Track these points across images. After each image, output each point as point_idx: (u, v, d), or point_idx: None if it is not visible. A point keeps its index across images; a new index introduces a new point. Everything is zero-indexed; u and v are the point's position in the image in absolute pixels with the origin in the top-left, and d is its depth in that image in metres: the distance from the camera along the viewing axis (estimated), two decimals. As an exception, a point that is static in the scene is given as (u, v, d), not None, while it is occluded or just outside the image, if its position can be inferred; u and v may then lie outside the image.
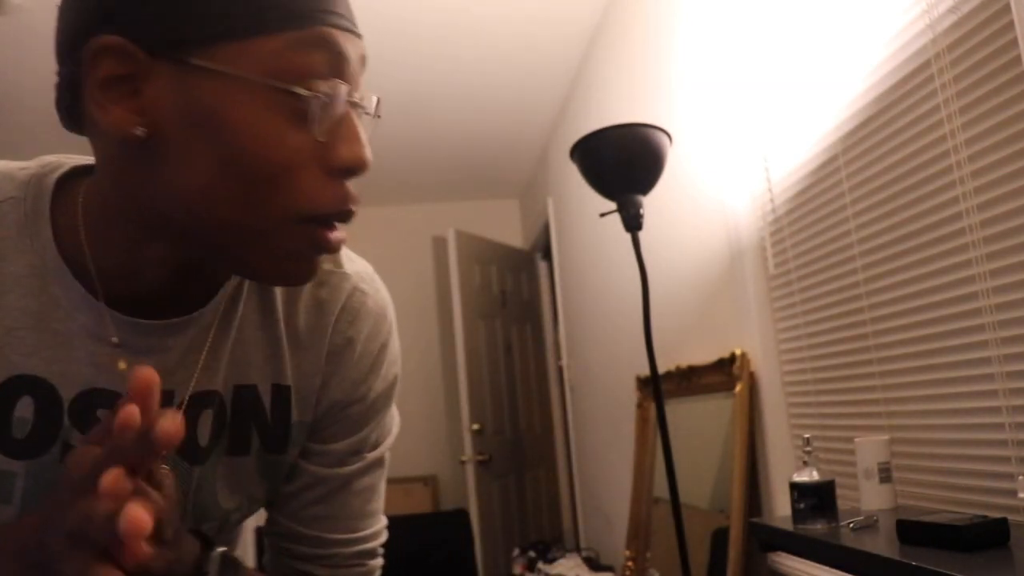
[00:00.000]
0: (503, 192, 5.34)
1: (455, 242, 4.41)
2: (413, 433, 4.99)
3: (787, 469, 1.75)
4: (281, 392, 0.69)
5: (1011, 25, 1.05)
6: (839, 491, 1.32)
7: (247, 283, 0.68)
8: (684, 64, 2.23)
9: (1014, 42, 1.04)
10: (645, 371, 2.47)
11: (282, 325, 0.69)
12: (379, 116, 0.62)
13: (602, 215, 1.79)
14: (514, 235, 5.41)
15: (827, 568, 1.48)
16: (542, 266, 5.13)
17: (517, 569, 3.67)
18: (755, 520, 1.49)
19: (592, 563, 3.33)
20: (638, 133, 1.69)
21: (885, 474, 1.32)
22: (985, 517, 1.02)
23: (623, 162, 1.69)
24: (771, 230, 1.81)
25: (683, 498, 1.70)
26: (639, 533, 2.49)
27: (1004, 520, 1.01)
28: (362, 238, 5.95)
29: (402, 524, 4.42)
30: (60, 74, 0.56)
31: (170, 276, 0.61)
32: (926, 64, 1.23)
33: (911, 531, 1.05)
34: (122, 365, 0.61)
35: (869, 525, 1.22)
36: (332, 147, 0.55)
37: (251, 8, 0.52)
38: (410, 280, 5.21)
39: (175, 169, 0.53)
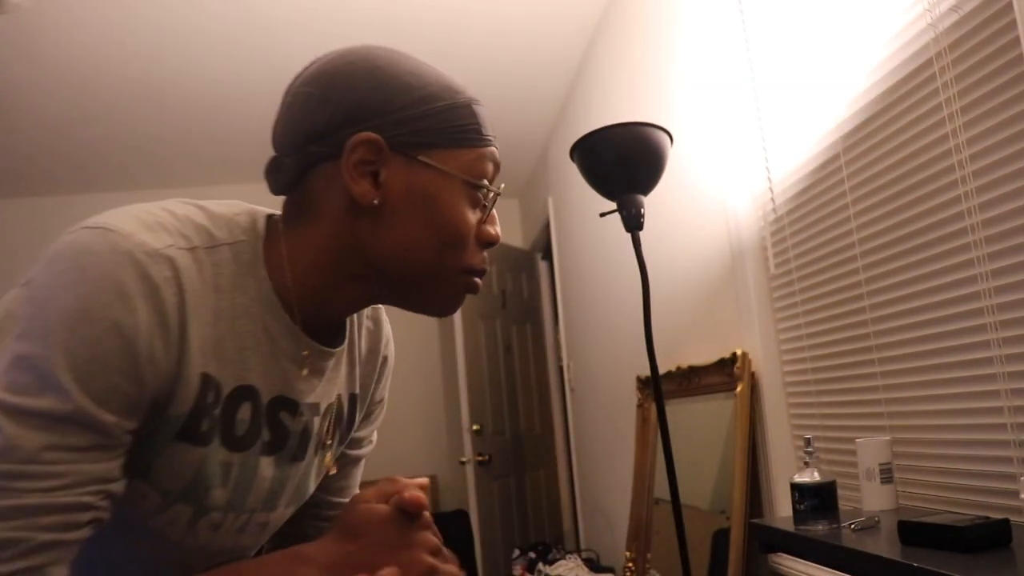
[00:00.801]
0: (503, 192, 5.33)
1: (455, 242, 4.40)
2: (413, 433, 4.99)
3: (788, 470, 1.75)
4: (352, 399, 0.89)
5: (1013, 24, 1.04)
6: (840, 492, 1.32)
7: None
8: (684, 64, 2.22)
9: (1016, 41, 1.04)
10: (645, 371, 2.46)
11: (356, 349, 0.89)
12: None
13: (602, 215, 1.79)
14: (514, 235, 5.41)
15: (828, 569, 1.48)
16: (542, 266, 5.13)
17: (517, 570, 3.67)
18: (756, 521, 1.49)
19: (592, 564, 3.33)
20: (638, 132, 1.68)
21: (886, 475, 1.32)
22: (987, 518, 1.01)
23: (623, 162, 1.68)
24: (772, 230, 1.81)
25: (684, 499, 1.69)
26: (640, 534, 2.48)
27: (1006, 521, 1.01)
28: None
29: (402, 524, 4.41)
30: (296, 152, 0.75)
31: (345, 312, 0.79)
32: (928, 63, 1.22)
33: (912, 532, 1.05)
34: (304, 375, 0.79)
35: (870, 526, 1.21)
36: (484, 227, 0.79)
37: (458, 129, 0.75)
38: (410, 280, 5.20)
39: (392, 230, 0.74)
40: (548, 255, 4.66)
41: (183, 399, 0.68)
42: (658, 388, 1.68)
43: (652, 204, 1.76)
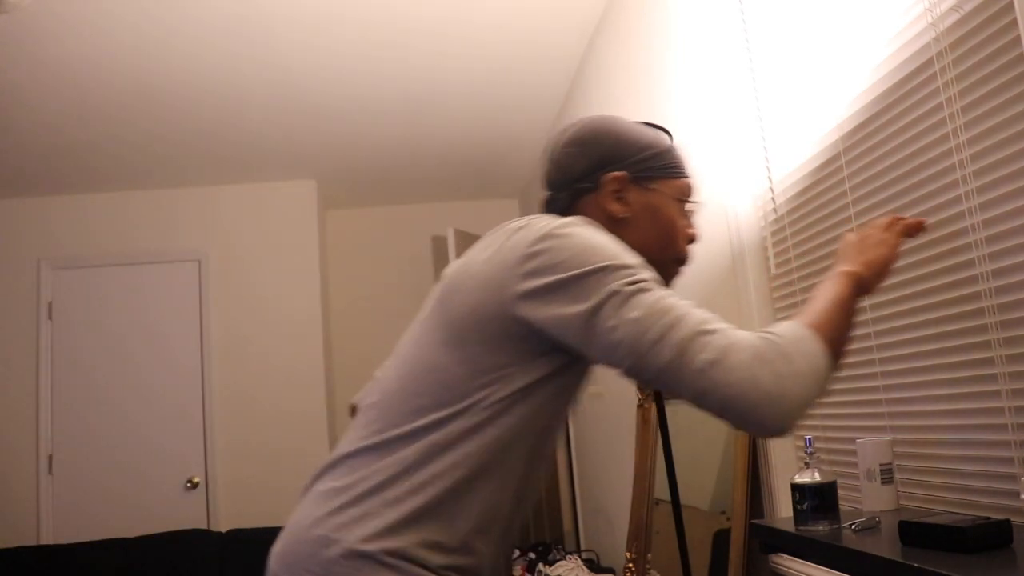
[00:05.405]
0: (503, 192, 5.33)
1: (455, 242, 4.41)
2: (413, 433, 4.98)
3: (789, 470, 1.74)
4: None
5: (1014, 23, 1.04)
6: (841, 492, 1.31)
7: None
8: (684, 64, 2.22)
9: (1016, 40, 1.04)
10: (645, 371, 2.45)
11: None
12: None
13: (602, 215, 1.78)
14: (514, 235, 5.40)
15: (828, 569, 1.47)
16: (542, 266, 5.11)
17: (517, 571, 3.66)
18: (756, 521, 1.48)
19: (593, 565, 3.33)
20: (639, 132, 1.67)
21: (887, 475, 1.32)
22: (988, 518, 1.01)
23: (624, 162, 1.68)
24: (772, 229, 1.81)
25: (684, 499, 1.69)
26: (640, 534, 2.48)
27: (1007, 521, 1.01)
28: (362, 237, 5.92)
29: (402, 525, 4.37)
30: (566, 189, 1.14)
31: None
32: (929, 63, 1.22)
33: (913, 532, 1.04)
34: None
35: (871, 526, 1.21)
36: (687, 229, 1.15)
37: (671, 166, 1.14)
38: (409, 280, 5.20)
39: (635, 233, 1.10)
40: (548, 255, 4.64)
41: None
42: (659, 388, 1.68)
43: (652, 204, 1.75)
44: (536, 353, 0.97)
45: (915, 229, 1.06)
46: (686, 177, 1.16)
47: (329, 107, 3.68)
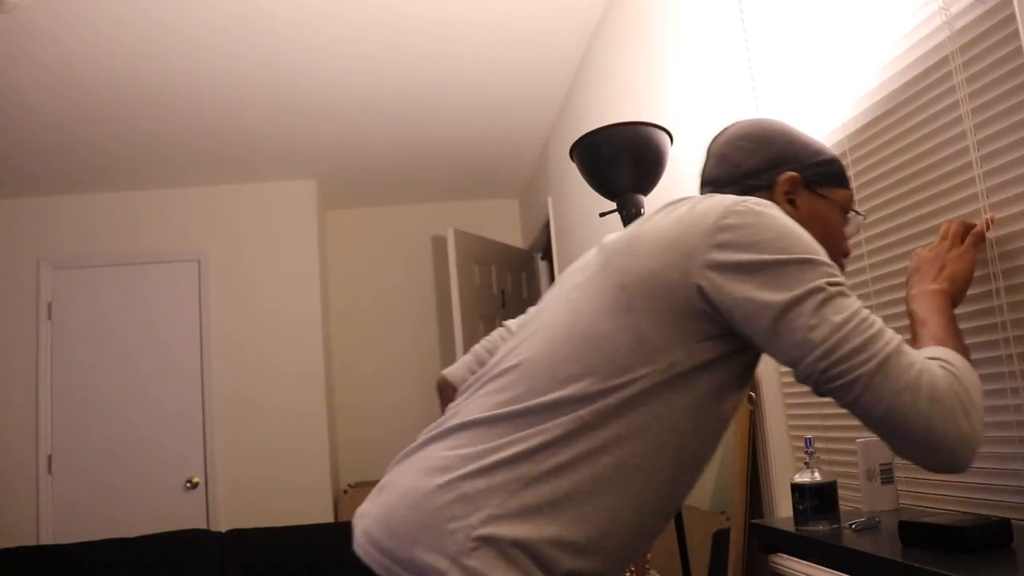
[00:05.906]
0: (503, 192, 5.33)
1: (454, 242, 4.41)
2: (413, 433, 4.98)
3: (788, 470, 1.74)
4: None
5: (1016, 32, 1.04)
6: (841, 492, 1.31)
7: None
8: (684, 63, 2.22)
9: (1019, 49, 1.04)
10: (645, 371, 2.45)
11: None
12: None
13: (602, 215, 1.78)
14: (513, 235, 5.41)
15: (828, 569, 1.47)
16: (542, 266, 5.13)
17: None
18: (756, 521, 1.48)
19: (592, 564, 3.32)
20: (639, 132, 1.68)
21: (887, 475, 1.32)
22: (988, 518, 1.01)
23: (623, 162, 1.68)
24: (772, 230, 1.80)
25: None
26: (639, 534, 2.48)
27: (1007, 521, 1.00)
28: (362, 238, 5.91)
29: (402, 525, 4.39)
30: (734, 185, 1.10)
31: None
32: (942, 61, 1.21)
33: (913, 532, 1.04)
34: None
35: (871, 526, 1.21)
36: (845, 242, 1.14)
37: (838, 175, 1.13)
38: (409, 280, 5.21)
39: (808, 229, 0.96)
40: (548, 255, 4.65)
41: None
42: (658, 388, 1.68)
43: (652, 204, 1.75)
44: (702, 335, 0.91)
45: (983, 233, 1.10)
46: (851, 188, 1.14)
47: (329, 107, 3.68)
